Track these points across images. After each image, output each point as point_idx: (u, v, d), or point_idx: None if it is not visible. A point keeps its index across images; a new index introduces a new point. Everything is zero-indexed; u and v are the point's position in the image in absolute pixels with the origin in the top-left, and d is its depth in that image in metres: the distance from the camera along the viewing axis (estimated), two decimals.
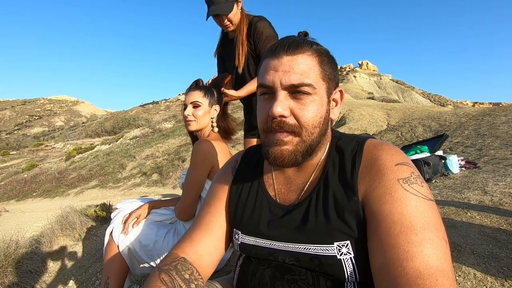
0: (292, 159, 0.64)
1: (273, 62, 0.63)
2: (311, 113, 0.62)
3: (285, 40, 0.65)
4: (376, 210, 0.57)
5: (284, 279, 0.64)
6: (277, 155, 0.63)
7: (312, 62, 0.63)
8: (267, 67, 0.64)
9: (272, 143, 0.64)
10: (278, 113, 0.60)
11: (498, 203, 1.92)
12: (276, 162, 0.64)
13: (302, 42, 0.65)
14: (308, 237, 0.62)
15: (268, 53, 0.66)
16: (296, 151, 0.63)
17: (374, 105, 10.75)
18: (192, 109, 1.40)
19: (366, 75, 46.63)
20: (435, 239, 0.51)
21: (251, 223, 0.72)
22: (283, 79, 0.61)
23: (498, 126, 5.22)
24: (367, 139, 0.68)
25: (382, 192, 0.57)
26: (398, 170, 0.59)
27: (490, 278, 1.18)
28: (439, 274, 0.48)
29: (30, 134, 45.24)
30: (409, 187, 0.57)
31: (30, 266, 2.46)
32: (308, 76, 0.62)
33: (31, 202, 9.44)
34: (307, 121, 0.62)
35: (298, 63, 0.62)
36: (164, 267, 0.66)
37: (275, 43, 0.66)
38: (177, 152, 10.30)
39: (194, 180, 1.31)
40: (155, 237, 1.35)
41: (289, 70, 0.61)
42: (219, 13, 1.63)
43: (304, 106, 0.62)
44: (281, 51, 0.63)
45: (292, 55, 0.62)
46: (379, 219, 0.56)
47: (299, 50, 0.63)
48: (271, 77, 0.62)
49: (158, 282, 0.62)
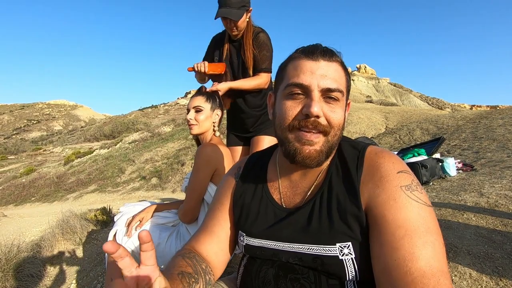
0: (319, 159, 0.67)
1: (310, 64, 0.66)
2: (339, 116, 0.67)
3: (319, 46, 0.69)
4: (380, 215, 0.60)
5: (287, 277, 0.67)
6: (305, 154, 0.66)
7: (342, 71, 0.68)
8: (302, 68, 0.66)
9: (300, 142, 0.66)
10: (315, 113, 0.63)
11: (494, 205, 1.96)
12: (305, 161, 0.67)
13: (334, 51, 0.69)
14: (312, 238, 0.65)
15: (302, 54, 0.68)
16: (322, 151, 0.67)
17: (372, 109, 10.83)
18: (194, 114, 1.44)
19: (364, 78, 46.89)
20: (435, 242, 0.56)
21: (256, 225, 0.75)
22: (321, 82, 0.64)
23: (495, 129, 5.28)
24: (367, 146, 0.72)
25: (386, 198, 0.61)
26: (400, 178, 0.63)
27: (485, 278, 1.22)
28: (441, 274, 0.52)
29: (28, 138, 45.09)
30: (411, 194, 0.61)
31: (32, 270, 2.47)
32: (340, 83, 0.66)
33: (29, 206, 9.40)
34: (337, 123, 0.66)
35: (334, 69, 0.66)
36: (186, 254, 0.72)
37: (310, 47, 0.69)
38: (176, 156, 10.31)
39: (197, 183, 1.34)
40: (158, 240, 1.38)
41: (326, 74, 0.65)
42: (229, 17, 1.68)
43: (334, 109, 0.66)
44: (319, 55, 0.66)
45: (328, 61, 0.66)
46: (384, 223, 0.59)
47: (334, 58, 0.67)
48: (309, 78, 0.65)
49: (184, 262, 0.68)
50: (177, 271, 0.64)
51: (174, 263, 0.68)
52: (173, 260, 0.70)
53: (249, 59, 1.79)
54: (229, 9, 1.66)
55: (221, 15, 1.68)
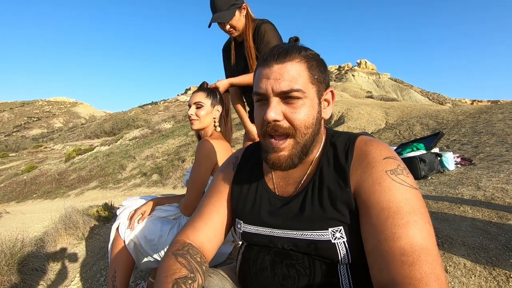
0: (289, 163, 0.70)
1: (265, 70, 0.68)
2: (303, 115, 0.68)
3: (275, 49, 0.70)
4: (366, 199, 0.63)
5: (283, 263, 0.70)
6: (275, 161, 0.70)
7: (301, 67, 0.68)
8: (260, 76, 0.69)
9: (270, 149, 0.70)
10: (271, 118, 0.66)
11: (490, 198, 1.98)
12: (275, 167, 0.71)
13: (291, 49, 0.69)
14: (305, 225, 0.69)
15: (260, 62, 0.71)
16: (292, 155, 0.69)
17: (372, 104, 10.83)
18: (195, 109, 1.46)
19: (364, 74, 46.74)
20: (419, 221, 0.58)
21: (252, 213, 0.78)
22: (275, 86, 0.66)
23: (494, 124, 5.29)
24: (358, 135, 0.75)
25: (371, 182, 0.64)
26: (386, 163, 0.65)
27: (479, 267, 1.25)
28: (422, 251, 0.54)
29: (29, 135, 45.16)
30: (395, 177, 0.63)
31: (36, 264, 2.51)
32: (297, 82, 0.67)
33: (31, 203, 9.47)
34: (300, 123, 0.68)
35: (287, 70, 0.67)
36: (179, 251, 0.73)
37: (266, 53, 0.71)
38: (177, 153, 10.35)
39: (198, 177, 1.37)
40: (160, 232, 1.41)
41: (280, 77, 0.66)
42: (219, 21, 1.67)
43: (295, 110, 0.67)
44: (271, 60, 0.68)
45: (281, 63, 0.67)
46: (370, 207, 0.62)
47: (288, 58, 0.68)
48: (264, 85, 0.68)
49: (177, 264, 0.68)
50: (171, 282, 0.63)
51: (167, 267, 0.68)
52: (165, 262, 0.70)
53: (250, 56, 1.76)
54: (218, 13, 1.65)
55: (212, 22, 1.67)
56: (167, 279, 0.64)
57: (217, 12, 1.65)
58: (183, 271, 0.67)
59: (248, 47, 1.76)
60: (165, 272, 0.66)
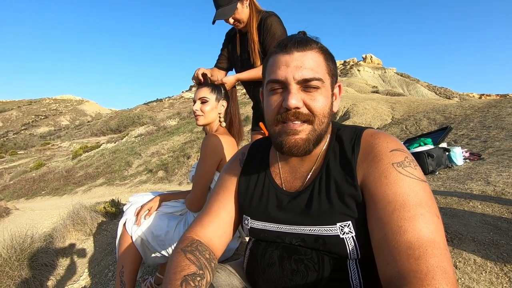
0: (306, 147, 0.68)
1: (284, 57, 0.67)
2: (322, 103, 0.67)
3: (294, 37, 0.69)
4: (373, 192, 0.62)
5: (291, 259, 0.70)
6: (291, 144, 0.68)
7: (320, 58, 0.68)
8: (278, 63, 0.68)
9: (285, 133, 0.68)
10: (293, 105, 0.65)
11: (501, 193, 1.95)
12: (292, 151, 0.68)
13: (309, 39, 0.69)
14: (313, 220, 0.68)
15: (277, 49, 0.69)
16: (308, 140, 0.68)
17: (378, 99, 10.71)
18: (200, 105, 1.45)
19: (370, 68, 46.20)
20: (427, 214, 0.56)
21: (260, 209, 0.78)
22: (296, 74, 0.65)
23: (503, 118, 5.19)
24: (365, 129, 0.73)
25: (378, 175, 0.63)
26: (393, 155, 0.64)
27: (489, 264, 1.22)
28: (429, 244, 0.53)
29: (36, 133, 45.80)
30: (402, 170, 0.62)
31: (45, 260, 2.56)
32: (317, 71, 0.66)
33: (40, 200, 9.63)
34: (320, 111, 0.67)
35: (308, 58, 0.66)
36: (187, 248, 0.72)
37: (284, 40, 0.70)
38: (182, 149, 10.40)
39: (203, 173, 1.36)
40: (166, 228, 1.41)
41: (301, 65, 0.66)
42: (221, 18, 1.66)
43: (315, 98, 0.67)
44: (292, 47, 0.67)
45: (302, 51, 0.67)
46: (376, 200, 0.61)
47: (308, 47, 0.67)
48: (283, 72, 0.66)
49: (186, 261, 0.68)
50: (179, 279, 0.62)
51: (175, 264, 0.67)
52: (174, 259, 0.69)
53: (253, 49, 1.74)
54: (220, 9, 1.64)
55: (215, 19, 1.67)
56: (175, 276, 0.63)
57: (219, 8, 1.65)
58: (192, 267, 0.66)
59: (251, 41, 1.74)
60: (174, 268, 0.66)
